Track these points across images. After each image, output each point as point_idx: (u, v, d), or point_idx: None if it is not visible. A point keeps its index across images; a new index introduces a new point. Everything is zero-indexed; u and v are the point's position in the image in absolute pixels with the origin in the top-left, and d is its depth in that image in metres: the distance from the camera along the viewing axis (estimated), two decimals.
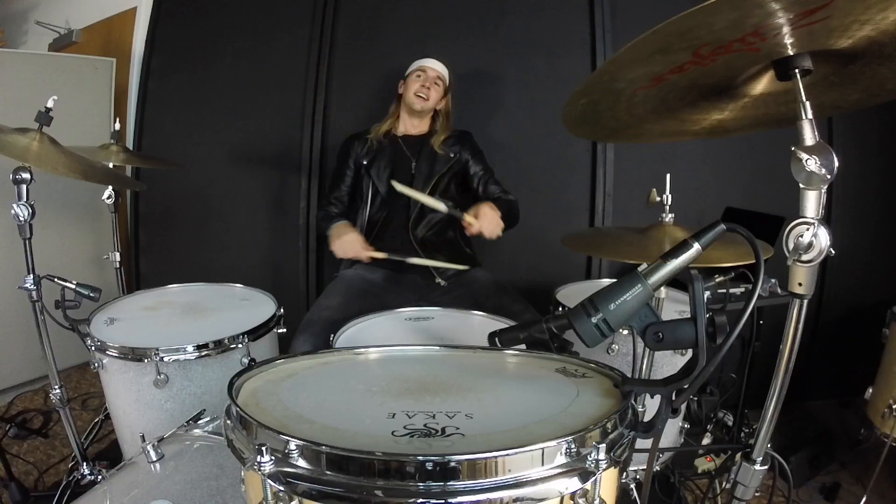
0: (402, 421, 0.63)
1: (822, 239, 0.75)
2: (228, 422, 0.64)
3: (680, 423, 1.60)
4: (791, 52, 0.76)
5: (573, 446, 0.56)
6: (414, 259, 1.73)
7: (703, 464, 1.78)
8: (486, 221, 1.66)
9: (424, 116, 1.97)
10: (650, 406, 0.69)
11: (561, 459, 0.56)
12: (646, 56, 0.75)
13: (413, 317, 1.42)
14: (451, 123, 1.98)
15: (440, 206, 1.68)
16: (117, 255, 2.04)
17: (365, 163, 1.91)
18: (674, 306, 1.60)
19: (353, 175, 1.94)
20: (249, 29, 2.46)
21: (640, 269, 0.70)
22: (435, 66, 1.93)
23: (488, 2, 2.37)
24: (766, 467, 0.91)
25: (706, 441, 1.81)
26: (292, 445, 0.55)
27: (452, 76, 1.98)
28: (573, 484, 0.56)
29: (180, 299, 1.58)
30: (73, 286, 1.37)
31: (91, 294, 1.39)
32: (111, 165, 1.87)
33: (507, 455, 0.54)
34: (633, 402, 0.67)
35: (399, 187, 1.73)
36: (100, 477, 1.42)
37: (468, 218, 1.66)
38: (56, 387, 1.43)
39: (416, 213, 1.86)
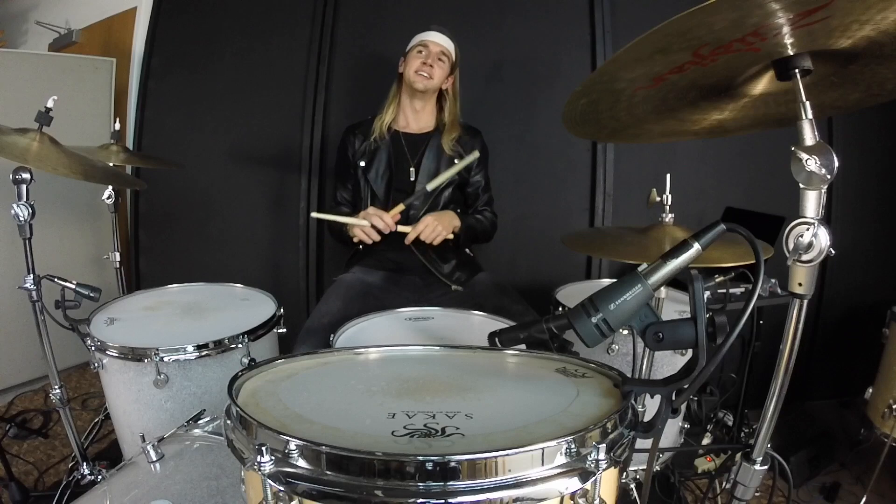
0: (402, 421, 0.63)
1: (822, 239, 0.75)
2: (228, 422, 0.64)
3: (680, 423, 1.60)
4: (791, 52, 0.76)
5: (573, 446, 0.56)
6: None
7: (703, 464, 1.78)
8: (422, 226, 1.66)
9: (428, 98, 1.85)
10: (650, 406, 0.69)
11: (561, 459, 0.56)
12: (646, 56, 0.75)
13: (413, 317, 1.41)
14: (458, 107, 1.89)
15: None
16: (117, 255, 2.05)
17: (362, 164, 1.84)
18: (674, 306, 1.60)
19: (354, 173, 1.87)
20: (249, 29, 2.46)
21: (640, 269, 0.71)
22: (438, 41, 1.79)
23: (488, 2, 2.38)
24: (766, 467, 0.91)
25: (706, 441, 1.81)
26: (292, 445, 0.55)
27: (458, 51, 1.85)
28: (573, 484, 0.56)
29: (180, 299, 1.58)
30: (73, 286, 1.37)
31: (91, 294, 1.39)
32: (111, 165, 1.87)
33: (507, 455, 0.54)
34: (633, 402, 0.67)
35: (316, 215, 1.81)
36: (100, 477, 1.41)
37: (405, 229, 1.68)
38: (56, 387, 1.43)
39: (416, 221, 1.83)
